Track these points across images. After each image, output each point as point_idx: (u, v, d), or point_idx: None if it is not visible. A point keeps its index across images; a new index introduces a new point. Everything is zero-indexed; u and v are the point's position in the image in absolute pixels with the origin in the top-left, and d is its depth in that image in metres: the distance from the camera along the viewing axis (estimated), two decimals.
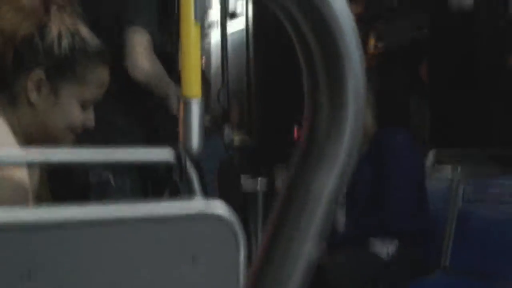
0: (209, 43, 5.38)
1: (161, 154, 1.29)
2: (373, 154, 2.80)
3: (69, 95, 1.36)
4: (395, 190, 2.72)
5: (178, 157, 1.26)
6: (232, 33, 5.19)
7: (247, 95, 5.21)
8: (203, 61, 4.61)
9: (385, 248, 2.71)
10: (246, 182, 4.35)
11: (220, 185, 4.05)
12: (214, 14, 5.14)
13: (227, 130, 4.24)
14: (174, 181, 1.32)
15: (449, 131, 3.54)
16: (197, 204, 1.21)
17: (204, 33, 4.97)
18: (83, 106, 1.40)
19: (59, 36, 1.33)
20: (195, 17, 1.50)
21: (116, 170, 2.07)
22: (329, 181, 0.47)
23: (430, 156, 3.20)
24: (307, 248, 0.48)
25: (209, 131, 3.63)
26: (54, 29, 1.32)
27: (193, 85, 1.47)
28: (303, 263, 0.47)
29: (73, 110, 1.37)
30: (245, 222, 4.09)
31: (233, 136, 4.39)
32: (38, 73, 1.32)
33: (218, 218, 1.20)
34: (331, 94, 0.45)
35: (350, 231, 2.78)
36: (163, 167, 1.27)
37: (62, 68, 1.34)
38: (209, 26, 5.17)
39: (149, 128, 2.32)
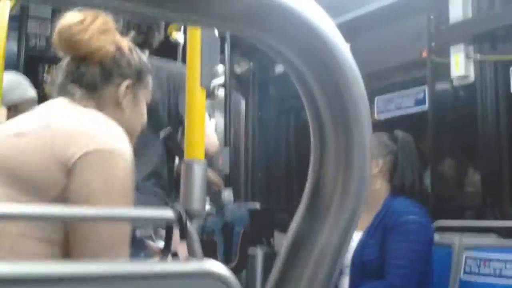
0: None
1: (163, 214, 1.31)
2: (382, 221, 2.75)
3: (142, 98, 1.65)
4: (401, 263, 2.65)
5: (179, 217, 1.27)
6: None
7: (250, 160, 5.23)
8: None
9: None
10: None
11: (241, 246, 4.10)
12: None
13: (227, 194, 4.27)
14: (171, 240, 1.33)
15: (451, 202, 3.55)
16: (196, 264, 1.22)
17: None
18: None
19: (130, 52, 1.62)
20: (201, 83, 1.55)
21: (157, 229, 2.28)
22: (334, 236, 0.47)
23: (433, 227, 3.20)
24: None
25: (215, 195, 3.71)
26: (125, 47, 1.61)
27: (196, 148, 1.51)
28: None
29: (144, 110, 1.66)
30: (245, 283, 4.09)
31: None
32: (127, 82, 1.59)
33: (218, 279, 1.21)
34: (337, 152, 0.45)
35: None
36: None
37: (139, 76, 1.62)
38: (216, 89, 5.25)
39: None
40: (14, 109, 3.04)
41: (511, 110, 3.37)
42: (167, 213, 1.28)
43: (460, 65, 3.42)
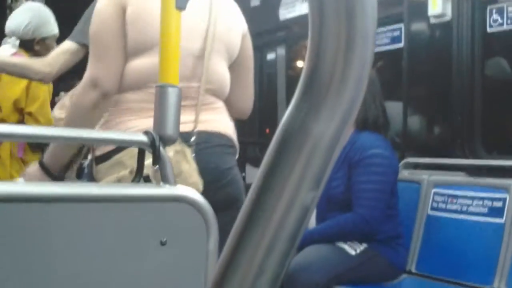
0: None
1: (136, 137, 1.28)
2: (348, 156, 2.79)
3: None
4: (368, 195, 2.71)
5: (152, 142, 1.25)
6: None
7: None
8: None
9: (353, 249, 2.72)
10: None
11: None
12: None
13: None
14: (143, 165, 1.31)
15: (422, 139, 3.58)
16: (169, 189, 1.20)
17: None
18: None
19: None
20: (177, 5, 1.49)
21: None
22: (330, 126, 0.43)
23: (402, 164, 3.24)
24: (301, 194, 0.43)
25: None
26: None
27: (170, 73, 1.47)
28: (296, 209, 0.43)
29: None
30: None
31: None
32: None
33: (190, 204, 1.19)
34: (337, 34, 0.42)
35: (319, 234, 2.77)
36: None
37: None
38: None
39: None
40: (41, 42, 3.22)
41: (487, 49, 3.37)
42: (140, 137, 1.26)
43: (438, 3, 3.38)
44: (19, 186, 1.06)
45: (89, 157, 2.03)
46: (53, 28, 3.30)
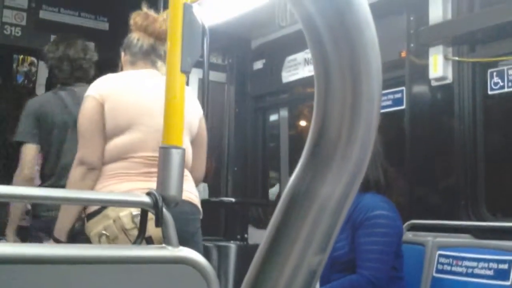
0: None
1: (139, 198, 1.28)
2: (352, 217, 2.77)
3: None
4: (372, 257, 2.68)
5: (155, 203, 1.25)
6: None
7: (226, 155, 5.18)
8: None
9: None
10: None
11: None
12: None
13: (202, 188, 4.25)
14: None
15: (426, 202, 3.56)
16: (171, 251, 1.19)
17: None
18: None
19: None
20: (182, 68, 1.52)
21: None
22: (336, 189, 0.43)
23: (407, 226, 3.21)
24: (308, 257, 0.42)
25: None
26: None
27: (175, 134, 1.48)
28: (303, 273, 0.42)
29: None
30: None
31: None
32: None
33: (192, 266, 1.18)
34: (343, 99, 0.41)
35: None
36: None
37: None
38: None
39: None
40: None
41: (488, 111, 3.39)
42: (143, 198, 1.26)
43: (438, 66, 3.43)
44: (22, 248, 1.05)
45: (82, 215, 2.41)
46: None
